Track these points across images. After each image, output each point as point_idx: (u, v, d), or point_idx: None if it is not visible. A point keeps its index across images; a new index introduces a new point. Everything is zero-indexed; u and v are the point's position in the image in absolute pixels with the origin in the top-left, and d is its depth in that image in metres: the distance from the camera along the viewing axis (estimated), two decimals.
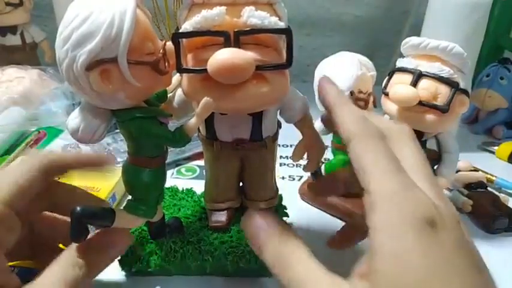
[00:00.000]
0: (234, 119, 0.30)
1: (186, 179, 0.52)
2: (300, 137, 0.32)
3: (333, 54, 0.40)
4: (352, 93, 0.37)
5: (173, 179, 0.52)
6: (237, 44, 0.24)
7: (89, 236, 0.27)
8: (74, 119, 0.26)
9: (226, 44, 0.24)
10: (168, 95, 0.31)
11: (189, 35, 0.25)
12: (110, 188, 0.42)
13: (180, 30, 0.25)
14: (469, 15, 0.51)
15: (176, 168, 0.54)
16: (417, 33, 0.49)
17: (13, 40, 0.75)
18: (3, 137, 0.55)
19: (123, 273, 0.35)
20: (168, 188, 0.41)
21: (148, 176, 0.28)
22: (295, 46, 0.25)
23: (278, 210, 0.38)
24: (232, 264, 0.33)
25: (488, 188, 0.48)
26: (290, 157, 0.33)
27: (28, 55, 0.76)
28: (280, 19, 0.26)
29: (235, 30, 0.24)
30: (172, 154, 0.54)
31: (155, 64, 0.25)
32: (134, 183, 0.29)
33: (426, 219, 0.19)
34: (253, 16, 0.24)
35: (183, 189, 0.41)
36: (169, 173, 0.53)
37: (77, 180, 0.39)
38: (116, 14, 0.22)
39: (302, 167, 0.34)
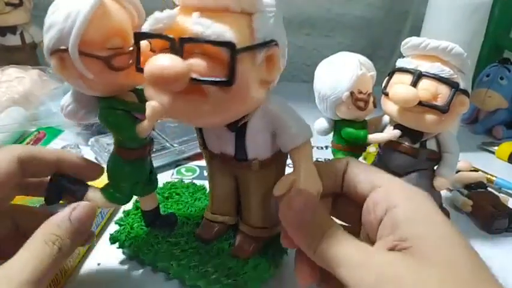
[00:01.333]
0: (218, 130, 0.29)
1: (185, 179, 0.52)
2: None
3: (333, 54, 0.40)
4: (352, 93, 0.37)
5: (173, 179, 0.52)
6: (180, 51, 0.22)
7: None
8: (66, 97, 0.29)
9: (172, 50, 0.22)
10: None
11: (142, 36, 0.24)
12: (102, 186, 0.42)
13: (141, 30, 0.24)
14: (469, 15, 0.51)
15: (176, 169, 0.54)
16: (417, 33, 0.49)
17: (13, 40, 0.75)
18: (3, 137, 0.55)
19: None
20: (194, 184, 0.43)
21: (125, 166, 0.31)
22: (295, 46, 0.24)
23: (276, 244, 0.33)
24: (190, 279, 0.31)
25: (488, 188, 0.48)
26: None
27: (28, 55, 0.76)
28: (253, 32, 0.23)
29: (181, 36, 0.22)
30: (172, 154, 0.54)
31: (107, 59, 0.26)
32: (111, 171, 0.31)
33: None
34: (198, 23, 0.22)
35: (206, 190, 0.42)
36: (169, 173, 0.53)
37: None
38: (73, 12, 0.25)
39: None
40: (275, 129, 0.27)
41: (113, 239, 0.36)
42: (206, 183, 0.42)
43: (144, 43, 0.25)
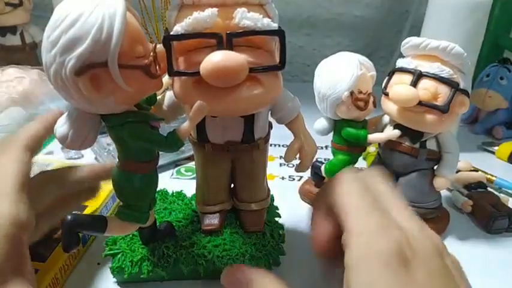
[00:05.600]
0: (225, 121, 0.30)
1: (185, 179, 0.52)
2: None
3: (333, 54, 0.40)
4: (352, 93, 0.37)
5: (173, 179, 0.52)
6: (230, 46, 0.24)
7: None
8: (62, 125, 0.25)
9: (219, 46, 0.24)
10: (158, 98, 0.31)
11: (181, 37, 0.24)
12: (110, 189, 0.42)
13: (172, 33, 0.25)
14: (469, 15, 0.51)
15: (176, 169, 0.54)
16: (417, 33, 0.49)
17: (13, 40, 0.75)
18: (3, 137, 0.55)
19: (114, 281, 0.35)
20: (158, 192, 0.40)
21: (140, 182, 0.28)
22: (295, 46, 0.25)
23: (269, 211, 0.38)
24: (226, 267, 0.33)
25: (488, 188, 0.48)
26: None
27: (28, 55, 0.76)
28: (271, 20, 0.25)
29: (228, 32, 0.24)
30: (172, 154, 0.54)
31: (147, 68, 0.24)
32: (126, 189, 0.28)
33: (397, 256, 0.19)
34: (245, 18, 0.24)
35: (173, 192, 0.41)
36: (169, 173, 0.53)
37: None
38: (106, 17, 0.22)
39: (294, 167, 0.34)
40: (273, 107, 0.31)
41: (117, 271, 0.33)
42: (192, 183, 0.41)
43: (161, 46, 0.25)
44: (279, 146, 0.58)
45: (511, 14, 0.74)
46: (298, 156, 0.33)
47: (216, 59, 0.23)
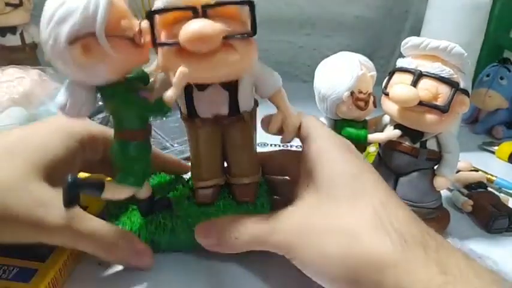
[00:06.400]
0: (211, 95, 0.32)
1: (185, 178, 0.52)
2: None
3: (333, 54, 0.40)
4: (352, 93, 0.37)
5: None
6: (205, 17, 0.26)
7: None
8: (62, 95, 0.29)
9: (195, 17, 0.26)
10: (150, 80, 0.33)
11: (161, 11, 0.27)
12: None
13: (153, 8, 0.28)
14: (469, 15, 0.51)
15: None
16: (417, 33, 0.49)
17: (13, 40, 0.74)
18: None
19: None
20: (156, 174, 0.43)
21: (134, 149, 0.31)
22: (295, 46, 0.25)
23: (261, 186, 0.39)
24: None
25: (488, 188, 0.48)
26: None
27: (28, 55, 0.76)
28: None
29: (202, 4, 0.26)
30: (172, 154, 0.54)
31: (133, 38, 0.28)
32: (121, 157, 0.32)
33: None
34: None
35: (171, 176, 0.43)
36: None
37: None
38: None
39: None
40: (256, 81, 0.32)
41: None
42: None
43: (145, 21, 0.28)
44: (277, 146, 0.58)
45: (511, 14, 0.74)
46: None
47: (192, 26, 0.26)
